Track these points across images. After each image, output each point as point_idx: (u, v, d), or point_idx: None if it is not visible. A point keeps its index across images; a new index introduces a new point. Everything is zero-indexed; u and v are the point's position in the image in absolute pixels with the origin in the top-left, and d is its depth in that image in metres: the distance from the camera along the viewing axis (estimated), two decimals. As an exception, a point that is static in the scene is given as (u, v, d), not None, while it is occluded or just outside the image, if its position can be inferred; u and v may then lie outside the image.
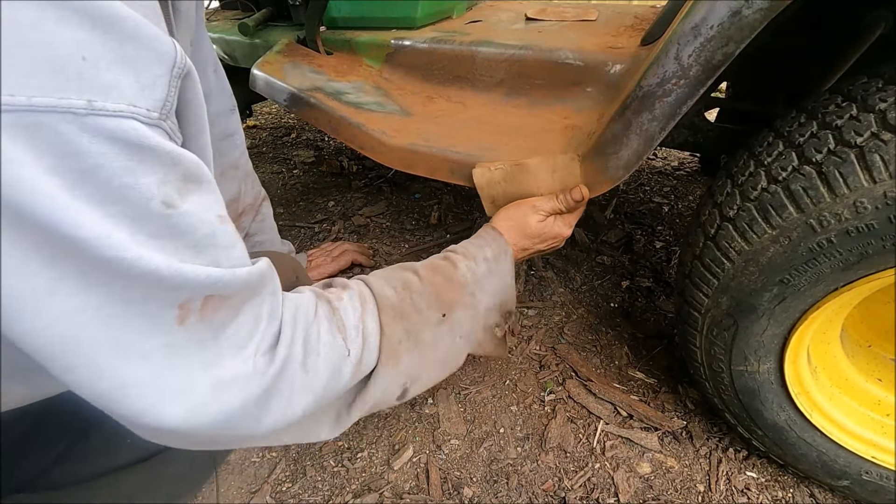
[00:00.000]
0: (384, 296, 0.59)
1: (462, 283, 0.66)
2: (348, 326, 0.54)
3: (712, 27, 0.55)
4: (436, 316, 0.62)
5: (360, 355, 0.54)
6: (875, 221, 0.52)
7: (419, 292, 0.62)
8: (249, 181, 0.93)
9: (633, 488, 0.84)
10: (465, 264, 0.68)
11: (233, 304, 0.42)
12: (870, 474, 0.73)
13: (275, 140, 2.33)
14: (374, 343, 0.56)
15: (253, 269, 0.44)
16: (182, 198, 0.37)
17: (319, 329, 0.50)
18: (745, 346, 0.69)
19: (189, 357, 0.39)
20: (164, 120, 0.36)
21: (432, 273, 0.65)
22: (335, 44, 1.25)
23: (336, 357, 0.51)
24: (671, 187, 1.73)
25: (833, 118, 0.57)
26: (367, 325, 0.56)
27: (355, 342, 0.53)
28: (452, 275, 0.66)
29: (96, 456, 0.68)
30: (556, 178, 0.76)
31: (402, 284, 0.62)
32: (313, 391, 0.49)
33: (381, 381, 0.58)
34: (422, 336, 0.61)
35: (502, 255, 0.72)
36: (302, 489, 0.86)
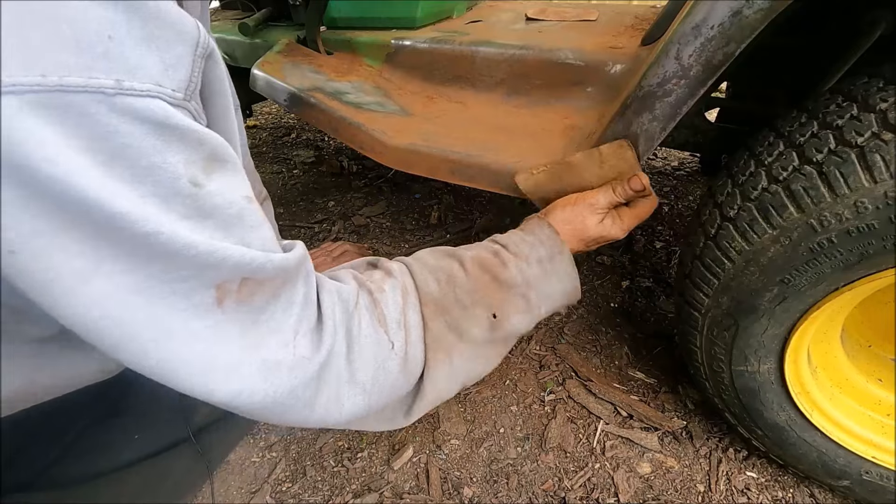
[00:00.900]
0: (427, 290, 0.58)
1: (510, 284, 0.62)
2: (389, 320, 0.53)
3: (713, 27, 0.55)
4: (484, 315, 0.60)
5: (404, 348, 0.53)
6: (875, 221, 0.52)
7: (463, 288, 0.60)
8: (251, 180, 0.93)
9: (633, 488, 0.84)
10: (516, 265, 0.63)
11: (269, 289, 0.42)
12: (870, 474, 0.73)
13: (275, 140, 2.33)
14: (416, 336, 0.55)
15: (289, 256, 0.44)
16: (208, 177, 0.37)
17: (361, 321, 0.50)
18: (746, 346, 0.69)
19: (232, 340, 0.40)
20: (188, 101, 0.36)
21: (479, 269, 0.62)
22: (335, 44, 1.25)
23: (379, 350, 0.51)
24: (671, 187, 1.73)
25: (834, 118, 0.57)
26: (409, 318, 0.55)
27: (398, 335, 0.53)
28: (500, 274, 0.62)
29: (96, 455, 0.68)
30: (607, 168, 0.70)
31: (447, 277, 0.60)
32: (361, 384, 0.49)
33: (435, 380, 0.57)
34: (470, 334, 0.59)
35: (557, 256, 0.66)
36: (302, 489, 0.86)
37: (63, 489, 0.63)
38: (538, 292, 0.64)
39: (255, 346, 0.41)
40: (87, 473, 0.65)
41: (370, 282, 0.56)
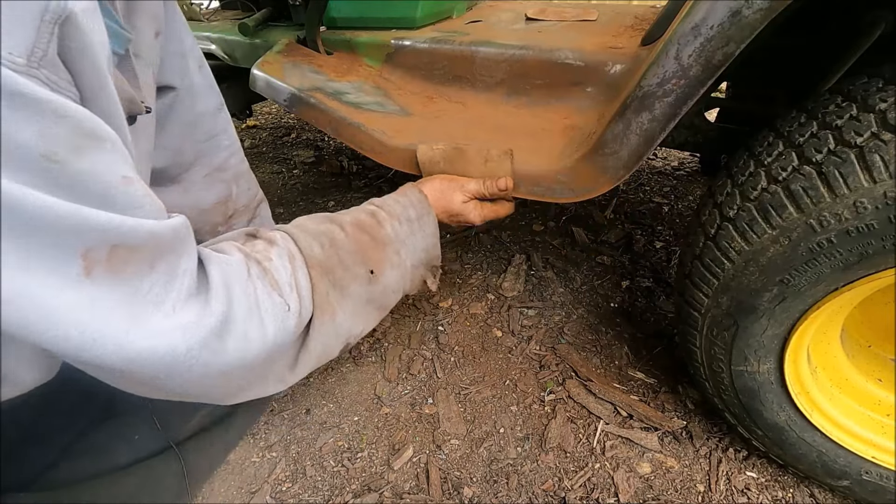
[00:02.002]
0: (311, 253, 0.61)
1: (386, 241, 0.70)
2: (282, 284, 0.55)
3: (712, 27, 0.55)
4: (363, 272, 0.66)
5: (298, 309, 0.56)
6: (875, 221, 0.52)
7: (345, 249, 0.65)
8: (243, 182, 0.90)
9: (633, 488, 0.84)
10: (390, 224, 0.71)
11: (144, 259, 0.41)
12: (870, 474, 0.73)
13: (275, 140, 2.33)
14: (306, 295, 0.58)
15: (163, 223, 0.43)
16: (76, 155, 0.36)
17: (256, 289, 0.52)
18: (745, 346, 0.69)
19: (112, 310, 0.39)
20: (35, 67, 0.34)
21: (358, 230, 0.68)
22: (335, 44, 1.25)
23: (279, 312, 0.53)
24: (671, 187, 1.73)
25: (833, 118, 0.57)
26: (300, 281, 0.58)
27: (291, 297, 0.56)
28: (377, 233, 0.69)
29: (96, 456, 0.68)
30: (488, 167, 0.82)
31: (329, 241, 0.64)
32: (264, 341, 0.51)
33: (319, 335, 0.60)
34: (351, 290, 0.64)
35: (426, 216, 0.75)
36: (302, 489, 0.86)
37: (63, 488, 0.63)
38: (407, 248, 0.72)
39: (139, 316, 0.40)
40: (87, 473, 0.65)
41: (255, 252, 0.57)
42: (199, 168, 0.83)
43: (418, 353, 1.12)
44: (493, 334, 1.16)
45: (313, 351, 0.61)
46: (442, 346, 1.14)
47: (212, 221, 0.87)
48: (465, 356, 1.11)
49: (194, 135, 0.80)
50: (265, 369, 0.57)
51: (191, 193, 0.84)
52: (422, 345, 1.14)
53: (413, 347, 1.13)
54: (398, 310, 1.24)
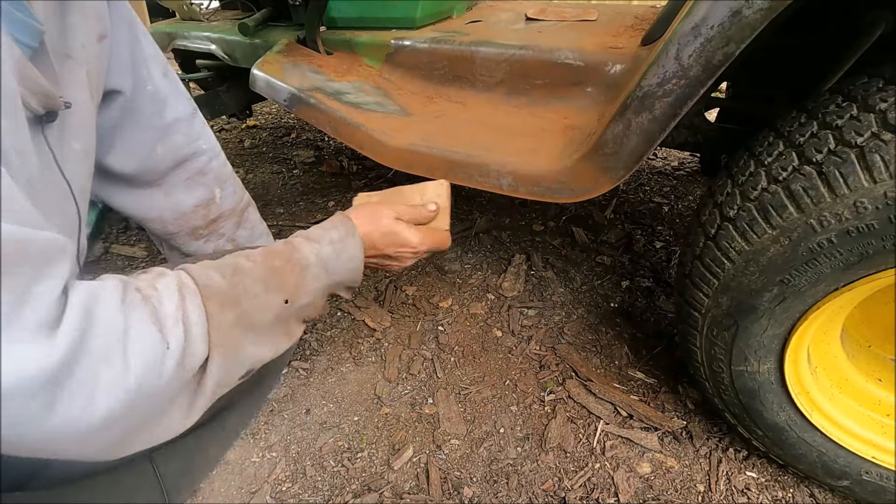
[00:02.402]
0: (208, 284, 0.54)
1: (303, 264, 0.64)
2: (164, 317, 0.48)
3: (712, 27, 0.55)
4: (276, 300, 0.59)
5: (182, 347, 0.48)
6: (875, 221, 0.52)
7: (253, 276, 0.58)
8: (228, 186, 0.90)
9: (633, 488, 0.84)
10: (309, 247, 0.66)
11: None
12: (870, 474, 0.73)
13: (275, 140, 2.33)
14: (198, 331, 0.50)
15: (26, 232, 0.37)
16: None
17: (127, 319, 0.44)
18: (746, 346, 0.69)
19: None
20: None
21: (269, 257, 0.62)
22: (335, 44, 1.25)
23: (151, 350, 0.45)
24: (671, 187, 1.73)
25: (833, 118, 0.57)
26: (189, 314, 0.50)
27: (174, 333, 0.48)
28: (292, 257, 0.63)
29: None
30: (425, 199, 0.80)
31: (233, 270, 0.57)
32: (125, 387, 0.42)
33: (218, 372, 0.53)
34: (262, 320, 0.58)
35: (349, 238, 0.70)
36: (302, 489, 0.86)
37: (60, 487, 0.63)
38: (328, 271, 0.67)
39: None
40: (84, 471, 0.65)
41: (138, 282, 0.50)
42: (180, 172, 0.84)
43: (418, 353, 1.12)
44: (493, 334, 1.16)
45: (209, 390, 0.53)
46: (442, 346, 1.14)
47: (192, 224, 0.87)
48: (465, 356, 1.11)
49: (171, 140, 0.80)
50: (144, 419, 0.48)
51: (171, 196, 0.84)
52: (422, 345, 1.14)
53: (413, 347, 1.13)
54: (398, 310, 1.24)
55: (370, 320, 1.20)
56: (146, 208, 0.84)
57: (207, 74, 1.58)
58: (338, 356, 1.12)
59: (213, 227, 0.90)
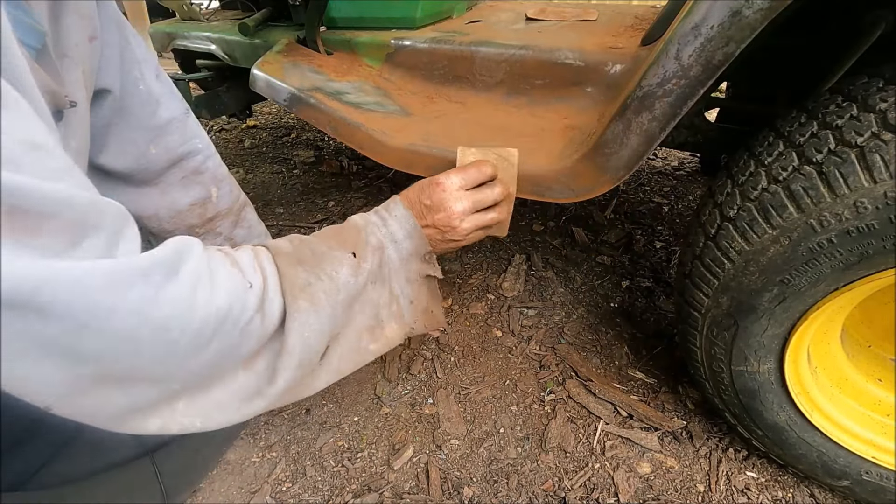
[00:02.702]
0: (277, 246, 0.58)
1: (358, 226, 0.66)
2: (243, 264, 0.51)
3: (712, 27, 0.55)
4: (346, 256, 0.60)
5: (262, 289, 0.50)
6: (875, 221, 0.52)
7: (317, 241, 0.61)
8: (224, 185, 0.91)
9: (633, 488, 0.84)
10: (358, 216, 0.69)
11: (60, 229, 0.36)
12: (870, 474, 0.73)
13: (275, 140, 2.33)
14: (273, 282, 0.52)
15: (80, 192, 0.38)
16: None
17: (211, 258, 0.47)
18: (746, 346, 0.69)
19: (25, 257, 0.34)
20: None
21: (327, 229, 0.66)
22: (335, 44, 1.25)
23: (236, 283, 0.47)
24: (671, 187, 1.73)
25: (833, 118, 0.57)
26: (264, 266, 0.53)
27: (255, 277, 0.51)
28: (344, 225, 0.67)
29: (92, 453, 0.68)
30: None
31: (299, 241, 0.61)
32: (216, 304, 0.45)
33: (300, 328, 0.53)
34: (338, 277, 0.59)
35: (391, 204, 0.71)
36: (302, 489, 0.86)
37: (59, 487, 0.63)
38: (381, 231, 0.67)
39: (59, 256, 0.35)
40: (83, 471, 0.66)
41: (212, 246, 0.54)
42: (176, 171, 0.85)
43: (418, 353, 1.12)
44: (493, 334, 1.16)
45: (294, 351, 0.53)
46: (442, 346, 1.14)
47: (188, 223, 0.88)
48: (465, 356, 1.11)
49: (165, 140, 0.81)
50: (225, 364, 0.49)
51: (167, 195, 0.85)
52: (422, 345, 1.14)
53: (413, 347, 1.13)
54: (398, 310, 1.24)
55: (370, 320, 1.20)
56: (142, 206, 0.84)
57: (207, 74, 1.58)
58: (338, 356, 1.12)
59: (210, 225, 0.91)
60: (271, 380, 0.53)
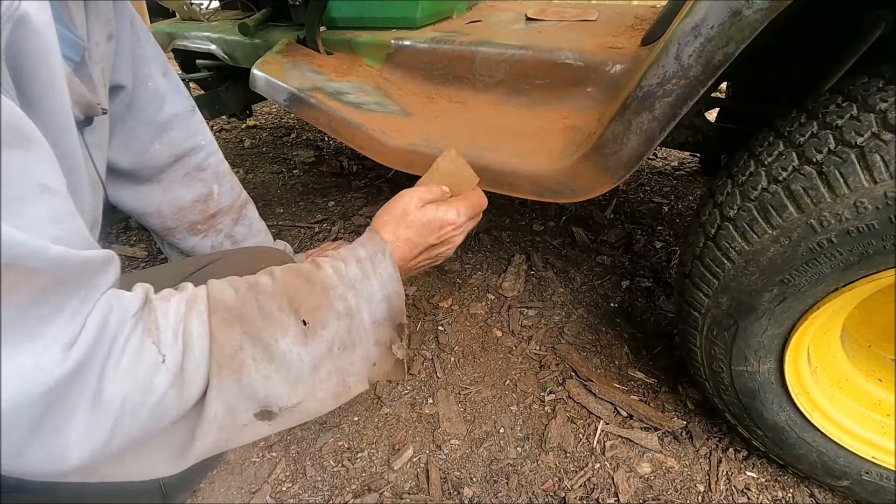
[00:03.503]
0: (220, 298, 0.50)
1: (327, 285, 0.56)
2: (163, 329, 0.46)
3: (712, 27, 0.55)
4: (292, 321, 0.52)
5: (179, 362, 0.45)
6: (875, 221, 0.52)
7: (268, 293, 0.53)
8: (226, 183, 0.92)
9: (633, 488, 0.84)
10: (332, 265, 0.58)
11: (38, 285, 0.36)
12: (870, 474, 0.73)
13: (275, 140, 2.33)
14: (199, 349, 0.47)
15: (73, 254, 0.38)
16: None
17: (130, 333, 0.43)
18: (746, 347, 0.69)
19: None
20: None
21: (292, 275, 0.56)
22: (335, 44, 1.25)
23: (143, 365, 0.43)
24: (671, 187, 1.73)
25: (833, 118, 0.57)
26: (191, 328, 0.47)
27: (173, 347, 0.45)
28: (313, 276, 0.56)
29: None
30: (441, 173, 0.73)
31: (249, 286, 0.53)
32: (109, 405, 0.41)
33: (220, 396, 0.48)
34: (276, 345, 0.51)
35: (379, 255, 0.61)
36: (302, 489, 0.86)
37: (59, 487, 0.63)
38: (357, 293, 0.58)
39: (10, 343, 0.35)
40: None
41: (161, 293, 0.50)
42: (179, 167, 0.85)
43: (418, 353, 1.12)
44: (493, 334, 1.16)
45: (213, 419, 0.48)
46: (442, 346, 1.14)
47: (190, 219, 0.89)
48: (465, 356, 1.11)
49: (169, 136, 0.82)
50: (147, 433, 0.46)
51: (170, 192, 0.86)
52: (422, 345, 1.14)
53: (413, 347, 1.13)
54: (398, 310, 1.24)
55: (370, 320, 1.20)
56: (145, 203, 0.85)
57: (207, 74, 1.58)
58: (338, 356, 1.12)
59: (212, 222, 0.91)
60: (191, 442, 0.49)
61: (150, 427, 0.45)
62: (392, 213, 0.67)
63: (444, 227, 0.67)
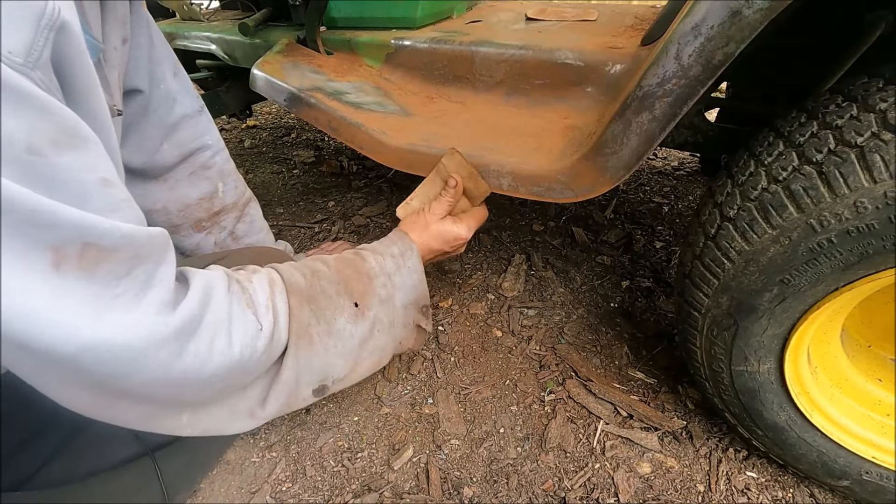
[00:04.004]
0: (293, 280, 0.61)
1: (371, 275, 0.70)
2: (258, 304, 0.55)
3: (712, 27, 0.55)
4: (347, 304, 0.65)
5: (271, 331, 0.55)
6: (875, 221, 0.52)
7: (328, 279, 0.64)
8: (230, 181, 0.94)
9: (633, 488, 0.84)
10: (374, 258, 0.72)
11: (118, 261, 0.41)
12: (870, 474, 0.73)
13: (275, 140, 2.33)
14: (283, 321, 0.57)
15: (140, 228, 0.43)
16: (57, 151, 0.37)
17: (231, 303, 0.52)
18: (746, 346, 0.69)
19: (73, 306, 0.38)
20: (30, 68, 0.36)
21: (342, 264, 0.68)
22: (335, 44, 1.25)
23: (249, 330, 0.52)
24: (671, 187, 1.73)
25: (833, 118, 0.57)
26: (277, 304, 0.57)
27: (266, 318, 0.55)
28: (361, 267, 0.70)
29: (92, 453, 0.69)
30: (440, 174, 0.86)
31: (311, 272, 0.64)
32: (229, 357, 0.50)
33: (294, 365, 0.59)
34: (335, 323, 0.63)
35: (408, 252, 0.76)
36: (302, 489, 0.86)
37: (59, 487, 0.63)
38: (393, 282, 0.72)
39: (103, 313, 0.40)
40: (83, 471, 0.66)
41: (237, 275, 0.58)
42: (185, 166, 0.86)
43: (418, 353, 1.12)
44: (493, 334, 1.16)
45: (286, 385, 0.59)
46: (442, 346, 1.14)
47: (195, 217, 0.90)
48: (465, 356, 1.11)
49: (178, 136, 0.83)
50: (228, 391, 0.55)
51: (176, 190, 0.87)
52: (422, 345, 1.14)
53: (413, 347, 1.13)
54: (398, 310, 1.24)
55: (370, 320, 1.20)
56: (152, 201, 0.86)
57: (207, 74, 1.58)
58: (338, 356, 1.12)
59: (216, 219, 0.92)
60: (263, 404, 0.59)
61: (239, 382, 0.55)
62: (416, 221, 0.83)
63: (457, 239, 0.84)
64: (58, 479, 0.64)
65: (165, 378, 0.46)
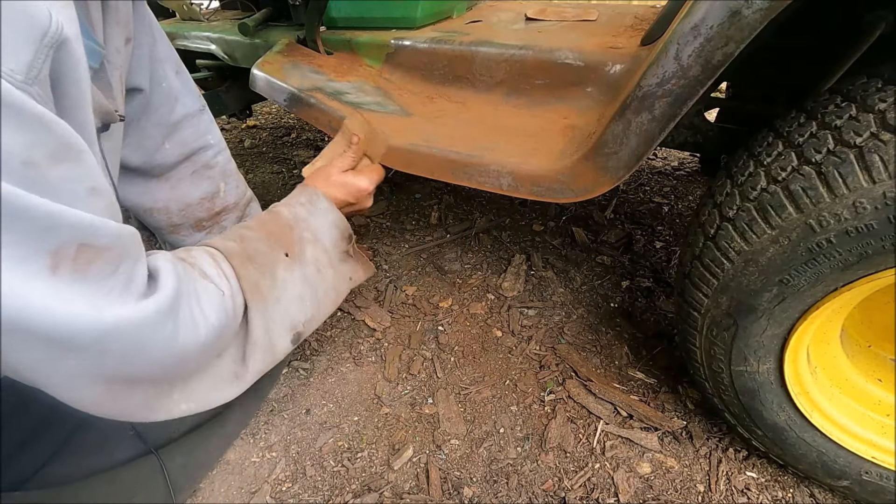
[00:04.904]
0: (227, 248, 0.64)
1: (291, 224, 0.74)
2: (210, 274, 0.59)
3: (712, 27, 0.55)
4: (280, 255, 0.69)
5: (231, 293, 0.59)
6: (874, 221, 0.52)
7: (257, 239, 0.68)
8: (232, 181, 0.94)
9: (633, 488, 0.84)
10: (287, 210, 0.76)
11: (108, 260, 0.43)
12: (870, 474, 0.73)
13: (275, 140, 2.33)
14: (235, 283, 0.61)
15: (123, 226, 0.46)
16: (52, 164, 0.38)
17: (191, 278, 0.55)
18: (745, 346, 0.69)
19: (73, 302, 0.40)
20: (30, 84, 0.37)
21: (263, 224, 0.73)
22: (335, 44, 1.25)
23: (214, 298, 0.56)
24: (671, 187, 1.73)
25: (833, 118, 0.57)
26: (225, 270, 0.61)
27: (223, 283, 0.59)
28: (279, 221, 0.74)
29: (92, 453, 0.69)
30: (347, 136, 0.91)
31: (240, 238, 0.67)
32: (209, 327, 0.54)
33: (260, 321, 0.63)
34: (277, 274, 0.67)
35: (314, 197, 0.80)
36: (302, 489, 0.86)
37: (60, 487, 0.63)
38: (311, 226, 0.76)
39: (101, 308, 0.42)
40: (84, 470, 0.66)
41: (178, 254, 0.60)
42: (187, 165, 0.87)
43: (418, 353, 1.12)
44: (493, 334, 1.16)
45: (259, 340, 0.63)
46: (442, 346, 1.14)
47: (196, 216, 0.90)
48: (465, 356, 1.11)
49: (179, 135, 0.84)
50: (217, 359, 0.59)
51: (178, 190, 0.87)
52: (422, 345, 1.14)
53: (413, 347, 1.13)
54: (398, 310, 1.24)
55: (370, 320, 1.20)
56: (153, 199, 0.86)
57: (207, 74, 1.57)
58: (338, 356, 1.12)
59: (217, 219, 0.92)
60: (244, 364, 0.63)
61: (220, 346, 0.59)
62: (319, 174, 0.86)
63: (360, 191, 0.87)
64: (58, 479, 0.64)
65: (167, 352, 0.49)
